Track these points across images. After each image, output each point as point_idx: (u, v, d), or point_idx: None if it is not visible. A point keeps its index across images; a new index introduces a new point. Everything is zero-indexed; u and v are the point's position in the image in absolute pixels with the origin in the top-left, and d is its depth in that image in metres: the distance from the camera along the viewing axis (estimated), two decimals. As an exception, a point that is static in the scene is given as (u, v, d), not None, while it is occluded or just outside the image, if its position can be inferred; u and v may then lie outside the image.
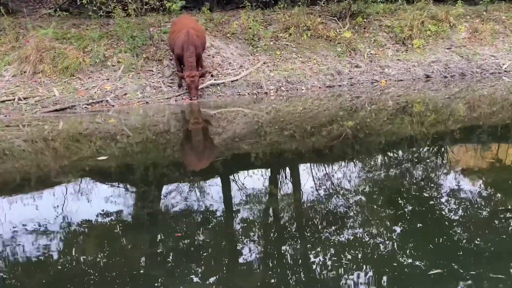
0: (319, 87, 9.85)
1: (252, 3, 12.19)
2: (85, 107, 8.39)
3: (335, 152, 5.99)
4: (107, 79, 9.26)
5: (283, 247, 3.47)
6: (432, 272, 3.00)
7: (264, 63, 10.49)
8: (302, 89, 9.73)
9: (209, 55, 10.56)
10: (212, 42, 10.94)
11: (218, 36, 11.20)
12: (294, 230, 3.83)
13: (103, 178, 5.23)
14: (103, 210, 4.27)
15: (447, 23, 12.09)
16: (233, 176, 5.19)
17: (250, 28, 11.20)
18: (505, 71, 10.80)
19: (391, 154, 6.01)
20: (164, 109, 8.46)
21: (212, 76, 9.78)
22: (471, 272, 3.01)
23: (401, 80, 10.33)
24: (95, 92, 8.75)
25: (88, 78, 9.28)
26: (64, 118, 8.03)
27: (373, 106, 8.73)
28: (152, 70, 9.69)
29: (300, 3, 11.71)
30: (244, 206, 4.29)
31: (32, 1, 12.63)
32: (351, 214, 4.00)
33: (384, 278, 3.01)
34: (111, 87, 8.95)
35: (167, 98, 8.78)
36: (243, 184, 4.91)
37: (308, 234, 3.66)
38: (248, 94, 9.32)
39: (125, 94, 8.78)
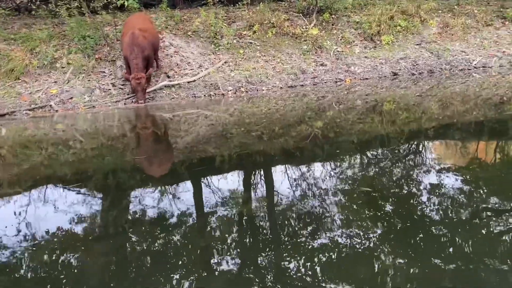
0: (281, 87, 9.39)
1: (215, 0, 11.74)
2: (26, 113, 7.84)
3: (307, 152, 5.67)
4: (55, 82, 8.71)
5: (259, 253, 3.27)
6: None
7: (225, 62, 10.01)
8: (263, 90, 9.26)
9: (167, 55, 10.06)
10: (172, 41, 10.44)
11: (179, 35, 10.70)
12: (269, 233, 3.58)
13: (61, 186, 4.78)
14: (64, 218, 3.92)
15: (418, 18, 11.72)
16: (203, 180, 4.81)
17: (212, 26, 10.73)
18: (475, 67, 10.42)
19: (364, 154, 5.67)
20: (114, 114, 7.95)
21: (168, 77, 9.28)
22: (451, 269, 2.95)
23: (367, 78, 9.91)
24: (39, 97, 8.20)
25: (35, 81, 8.72)
26: (5, 125, 7.50)
27: (341, 106, 8.31)
28: (104, 72, 9.16)
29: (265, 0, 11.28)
30: (217, 210, 4.03)
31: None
32: (328, 215, 3.81)
33: (362, 279, 2.91)
34: (57, 90, 8.41)
35: (116, 102, 8.26)
36: (213, 187, 4.58)
37: (284, 237, 3.47)
38: (205, 95, 8.83)
39: (71, 98, 8.25)
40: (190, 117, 7.60)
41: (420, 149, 5.90)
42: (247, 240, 3.51)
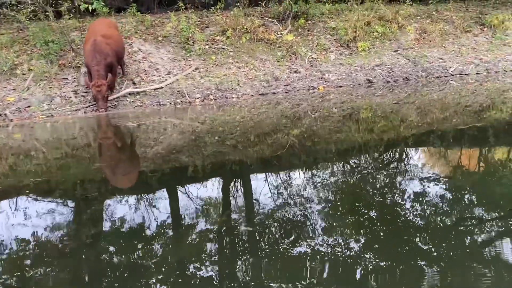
0: (251, 95, 9.07)
1: (189, 4, 11.43)
2: (-23, 123, 7.45)
3: (285, 161, 5.42)
4: (14, 89, 8.31)
5: (239, 262, 3.17)
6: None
7: (196, 68, 9.69)
8: (233, 98, 8.94)
9: (135, 61, 9.71)
10: (141, 46, 10.09)
11: (149, 40, 10.35)
12: (248, 243, 3.45)
13: (26, 197, 4.46)
14: (32, 230, 3.69)
15: (396, 23, 11.50)
16: (178, 190, 4.58)
17: (184, 31, 10.41)
18: (451, 74, 10.20)
19: (343, 162, 5.44)
20: (74, 122, 7.58)
21: (134, 84, 8.93)
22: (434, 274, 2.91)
23: (341, 86, 9.63)
24: (-5, 105, 7.82)
25: (-7, 88, 8.34)
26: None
27: (316, 114, 8.02)
28: (67, 78, 8.77)
29: (238, 4, 10.97)
30: (194, 220, 3.84)
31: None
32: (308, 224, 3.70)
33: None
34: (15, 98, 8.02)
35: (76, 110, 7.88)
36: (189, 197, 4.35)
37: (264, 246, 3.36)
38: (170, 103, 8.47)
39: (29, 106, 7.85)
40: (158, 126, 7.26)
41: (400, 157, 5.69)
42: (226, 250, 3.37)
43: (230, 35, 10.59)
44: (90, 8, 8.87)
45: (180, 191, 4.61)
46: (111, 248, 3.37)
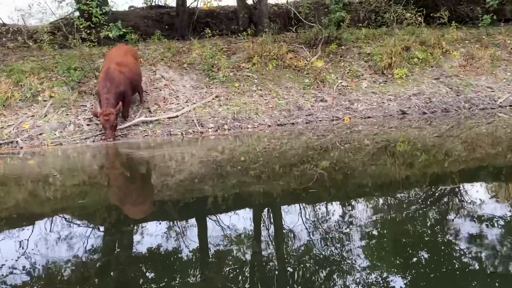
0: (269, 126, 8.49)
1: (218, 30, 11.23)
2: (-11, 149, 7.48)
3: (314, 194, 4.78)
4: (32, 116, 8.39)
5: None
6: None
7: (216, 96, 9.32)
8: (248, 128, 8.41)
9: (156, 88, 9.55)
10: (165, 73, 9.94)
11: (173, 67, 10.19)
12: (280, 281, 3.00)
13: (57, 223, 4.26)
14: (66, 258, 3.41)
15: (439, 48, 10.51)
16: (204, 221, 4.19)
17: (211, 57, 10.16)
18: (500, 106, 9.00)
19: (379, 198, 4.72)
20: (84, 151, 7.42)
21: (149, 112, 8.71)
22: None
23: (370, 117, 8.79)
24: (9, 132, 7.86)
25: (14, 114, 8.44)
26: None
27: (346, 145, 7.30)
28: (85, 106, 8.75)
29: (266, 30, 10.56)
30: (223, 251, 3.47)
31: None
32: (344, 262, 3.21)
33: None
34: (30, 125, 8.07)
35: (85, 139, 7.73)
36: (215, 229, 3.94)
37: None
38: (181, 133, 8.12)
39: (41, 134, 7.83)
40: (175, 155, 6.92)
41: (446, 194, 4.82)
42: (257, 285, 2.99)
43: (256, 61, 10.17)
44: (111, 35, 8.83)
45: (205, 221, 4.22)
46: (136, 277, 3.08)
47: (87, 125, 8.15)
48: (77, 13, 11.49)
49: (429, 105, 9.02)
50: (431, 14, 11.60)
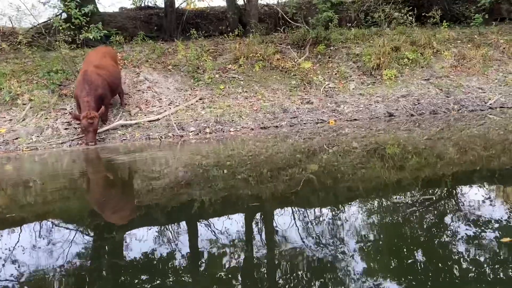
0: (251, 129, 8.27)
1: (205, 32, 11.02)
2: (-37, 155, 7.30)
3: (303, 198, 4.61)
4: (10, 120, 8.22)
5: None
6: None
7: (200, 99, 9.11)
8: (230, 131, 8.19)
9: (139, 90, 9.34)
10: (148, 75, 9.74)
11: (158, 69, 9.99)
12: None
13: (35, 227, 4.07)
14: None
15: (430, 49, 10.26)
16: (195, 225, 4.02)
17: (196, 59, 9.95)
18: (490, 107, 8.74)
19: (372, 200, 4.54)
20: (61, 156, 7.21)
21: (130, 115, 8.51)
22: None
23: (356, 119, 8.55)
24: (-15, 136, 7.71)
25: (-8, 118, 8.30)
26: None
27: (334, 148, 7.09)
28: (65, 109, 8.56)
29: (253, 31, 10.35)
30: (215, 254, 3.35)
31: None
32: (336, 267, 3.07)
33: None
34: (6, 130, 7.88)
35: (61, 143, 7.54)
36: (206, 233, 3.81)
37: None
38: (160, 137, 7.90)
39: (17, 138, 7.65)
40: (157, 159, 6.71)
41: (439, 196, 4.61)
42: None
43: (242, 63, 9.97)
44: (91, 36, 8.63)
45: (196, 226, 4.06)
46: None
47: (65, 129, 7.96)
48: (65, 15, 11.34)
49: (417, 106, 8.78)
50: (423, 14, 11.36)
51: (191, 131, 8.05)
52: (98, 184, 5.80)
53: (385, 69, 9.63)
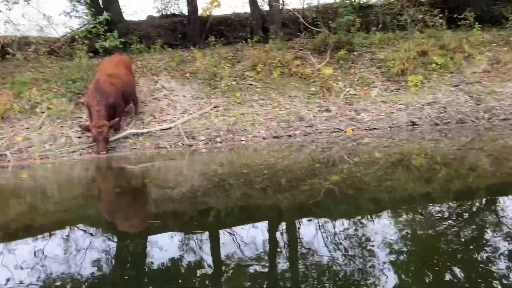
0: (263, 138, 7.97)
1: (224, 39, 10.87)
2: (-22, 163, 7.45)
3: (324, 209, 4.44)
4: (27, 128, 8.35)
5: None
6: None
7: (215, 107, 8.94)
8: (241, 140, 7.93)
9: (155, 98, 9.29)
10: (166, 83, 9.68)
11: (176, 77, 9.91)
12: None
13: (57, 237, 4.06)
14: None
15: (461, 53, 9.60)
16: (214, 235, 3.94)
17: (214, 66, 9.80)
18: (524, 116, 8.03)
19: (399, 213, 4.29)
20: (73, 165, 7.22)
21: (143, 123, 8.44)
22: None
23: (375, 128, 8.06)
24: (1, 145, 7.84)
25: (11, 127, 8.43)
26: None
27: (355, 159, 6.73)
28: (82, 117, 8.62)
29: (272, 37, 10.08)
30: (233, 266, 3.25)
31: None
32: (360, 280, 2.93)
33: None
34: (23, 138, 8.01)
35: (72, 152, 7.56)
36: (225, 243, 3.72)
37: None
38: (169, 146, 7.75)
39: (30, 146, 7.75)
40: (171, 167, 6.62)
41: (474, 209, 4.31)
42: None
43: (260, 69, 9.71)
44: (107, 45, 8.67)
45: (218, 235, 3.96)
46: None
47: (78, 137, 7.99)
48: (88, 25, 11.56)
49: (443, 115, 8.18)
50: (455, 16, 10.66)
51: (201, 140, 7.87)
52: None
53: (410, 75, 9.07)
